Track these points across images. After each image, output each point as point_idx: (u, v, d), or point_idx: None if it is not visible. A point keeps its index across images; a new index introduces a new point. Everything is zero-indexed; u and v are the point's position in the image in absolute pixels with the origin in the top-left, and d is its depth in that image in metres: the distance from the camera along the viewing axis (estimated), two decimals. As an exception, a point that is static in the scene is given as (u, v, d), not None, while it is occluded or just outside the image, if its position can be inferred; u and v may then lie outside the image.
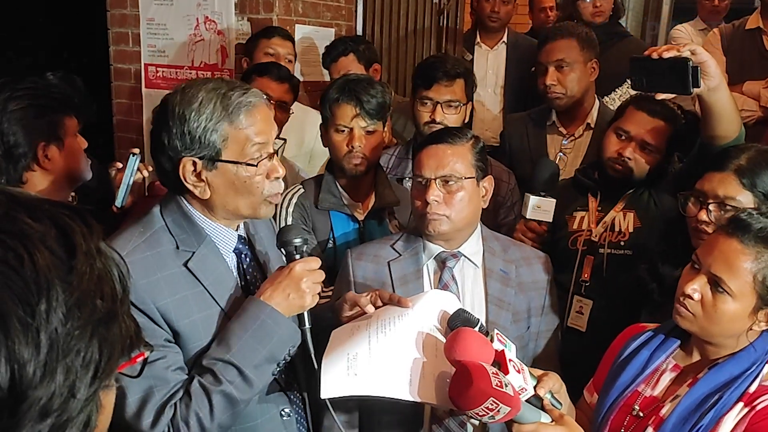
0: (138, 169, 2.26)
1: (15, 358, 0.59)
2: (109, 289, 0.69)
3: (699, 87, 1.92)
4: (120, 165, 2.27)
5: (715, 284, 1.55)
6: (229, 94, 1.55)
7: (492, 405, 1.36)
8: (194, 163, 1.55)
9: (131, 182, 2.23)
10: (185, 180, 1.56)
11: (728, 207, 1.90)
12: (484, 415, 1.38)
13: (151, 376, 1.49)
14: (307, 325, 1.64)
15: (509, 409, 1.38)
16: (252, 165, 1.57)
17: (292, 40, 3.74)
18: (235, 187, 1.58)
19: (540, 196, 2.46)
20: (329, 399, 1.54)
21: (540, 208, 2.45)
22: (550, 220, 2.47)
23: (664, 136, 2.41)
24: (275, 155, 1.63)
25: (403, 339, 1.61)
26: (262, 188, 1.60)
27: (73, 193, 2.50)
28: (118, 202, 2.22)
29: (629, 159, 2.41)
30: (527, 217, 2.45)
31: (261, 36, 3.66)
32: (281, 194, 1.69)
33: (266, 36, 3.65)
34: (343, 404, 1.94)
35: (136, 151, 2.30)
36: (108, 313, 0.67)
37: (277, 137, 1.66)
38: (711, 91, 1.95)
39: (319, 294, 1.64)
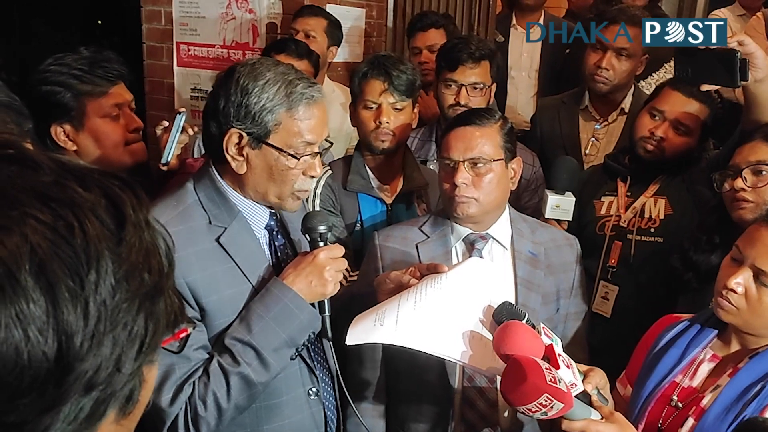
0: (184, 128, 2.29)
1: (63, 328, 0.58)
2: (156, 263, 0.67)
3: (747, 80, 1.89)
4: (166, 123, 2.29)
5: (760, 278, 1.52)
6: (295, 82, 1.57)
7: (546, 401, 1.32)
8: (240, 137, 1.57)
9: (177, 139, 2.25)
10: (226, 150, 1.57)
11: (763, 171, 1.92)
12: (536, 411, 1.34)
13: (173, 354, 1.51)
14: (327, 313, 1.64)
15: (562, 405, 1.34)
16: (294, 157, 1.58)
17: (324, 15, 3.65)
18: (271, 172, 1.59)
19: (559, 194, 2.41)
20: (355, 345, 1.53)
21: (559, 207, 2.39)
22: (570, 219, 2.42)
23: (699, 118, 2.37)
24: (319, 155, 1.64)
25: (433, 299, 1.59)
26: (295, 181, 1.61)
27: None
28: (164, 159, 2.25)
29: (662, 138, 2.37)
30: (546, 216, 2.40)
31: (295, 15, 3.65)
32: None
33: (297, 14, 3.64)
34: (373, 393, 1.97)
35: (183, 109, 2.34)
36: (155, 287, 0.66)
37: (326, 139, 1.66)
38: (758, 83, 1.93)
39: (345, 278, 1.62)
